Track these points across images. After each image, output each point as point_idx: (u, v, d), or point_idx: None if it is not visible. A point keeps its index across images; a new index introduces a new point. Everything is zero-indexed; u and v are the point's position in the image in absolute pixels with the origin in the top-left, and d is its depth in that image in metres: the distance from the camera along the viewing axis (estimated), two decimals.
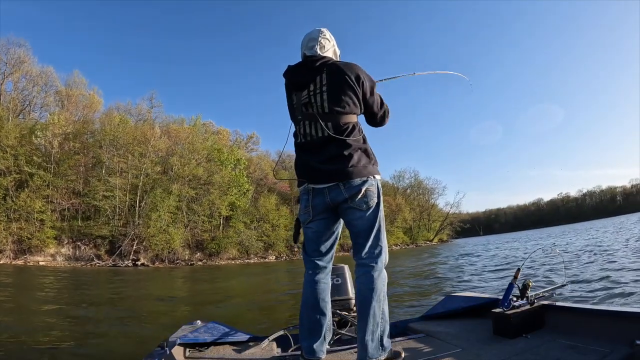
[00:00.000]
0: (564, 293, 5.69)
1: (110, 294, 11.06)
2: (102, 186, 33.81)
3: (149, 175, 36.92)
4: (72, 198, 32.67)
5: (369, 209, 2.01)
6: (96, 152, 35.32)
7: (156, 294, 11.27)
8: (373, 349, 1.92)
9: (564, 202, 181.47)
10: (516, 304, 2.29)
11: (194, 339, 2.43)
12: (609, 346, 1.83)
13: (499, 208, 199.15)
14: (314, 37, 2.18)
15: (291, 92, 2.15)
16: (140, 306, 8.27)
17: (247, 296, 10.29)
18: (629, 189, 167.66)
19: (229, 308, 8.05)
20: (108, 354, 4.29)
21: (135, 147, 36.80)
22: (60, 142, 33.78)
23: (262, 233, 43.85)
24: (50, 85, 36.46)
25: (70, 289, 12.09)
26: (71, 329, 5.59)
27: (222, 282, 15.30)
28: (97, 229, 32.24)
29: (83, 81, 39.59)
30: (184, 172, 38.75)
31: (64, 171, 32.81)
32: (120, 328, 5.67)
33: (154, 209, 35.16)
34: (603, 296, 5.47)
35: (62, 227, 31.04)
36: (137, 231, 33.17)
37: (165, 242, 34.07)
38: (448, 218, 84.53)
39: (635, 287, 5.69)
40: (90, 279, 17.30)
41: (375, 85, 2.18)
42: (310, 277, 2.13)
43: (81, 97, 38.50)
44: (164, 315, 7.08)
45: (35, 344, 4.46)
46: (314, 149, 2.05)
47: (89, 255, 30.80)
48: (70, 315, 6.82)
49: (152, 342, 3.31)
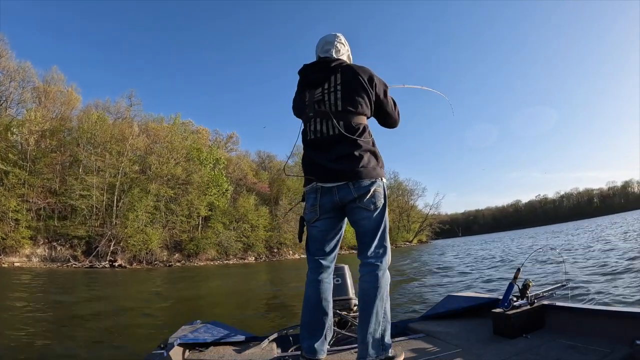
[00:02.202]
0: (564, 293, 5.87)
1: (94, 296, 11.10)
2: (79, 185, 33.97)
3: (126, 175, 37.18)
4: (48, 197, 32.74)
5: (376, 209, 2.07)
6: (73, 150, 35.43)
7: (139, 296, 11.29)
8: (374, 348, 1.96)
9: (541, 204, 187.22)
10: (516, 304, 2.34)
11: (193, 339, 2.46)
12: (609, 346, 1.86)
13: (478, 209, 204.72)
14: (330, 40, 2.31)
15: (304, 89, 2.24)
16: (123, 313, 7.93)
17: (233, 298, 10.27)
18: (606, 192, 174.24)
19: (217, 311, 8.11)
20: (108, 354, 4.37)
21: (113, 146, 37.06)
22: (36, 139, 33.76)
23: (241, 234, 44.46)
24: (28, 81, 36.10)
25: (50, 291, 12.11)
26: (58, 330, 5.70)
27: (204, 284, 15.56)
28: (73, 229, 32.43)
29: (61, 77, 39.23)
30: (163, 171, 39.08)
31: (40, 169, 32.83)
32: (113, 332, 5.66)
33: (131, 208, 35.48)
34: (603, 296, 5.51)
35: (38, 227, 31.12)
36: (114, 231, 33.47)
37: (142, 243, 34.45)
38: (427, 219, 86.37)
39: (635, 287, 5.80)
40: (66, 280, 17.32)
41: (388, 88, 2.29)
42: (313, 276, 2.18)
43: (59, 94, 38.18)
44: (148, 319, 6.94)
45: (31, 345, 4.64)
46: (324, 146, 2.11)
47: (65, 256, 31.02)
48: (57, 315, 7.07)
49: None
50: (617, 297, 5.36)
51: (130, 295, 11.69)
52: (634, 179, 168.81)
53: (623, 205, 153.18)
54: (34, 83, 36.74)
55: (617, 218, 57.81)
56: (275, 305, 8.55)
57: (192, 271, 25.37)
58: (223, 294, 11.48)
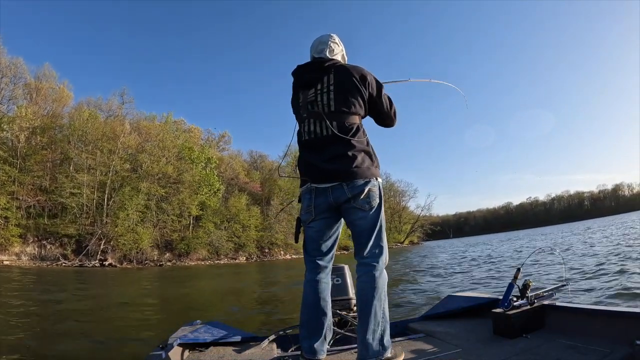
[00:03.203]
0: (564, 293, 5.82)
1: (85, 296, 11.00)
2: (70, 183, 34.04)
3: (117, 173, 37.26)
4: (38, 195, 32.83)
5: (371, 209, 2.07)
6: (64, 148, 35.54)
7: (132, 295, 11.38)
8: (374, 348, 1.96)
9: (532, 206, 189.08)
10: (516, 304, 2.34)
11: (194, 339, 2.48)
12: (609, 346, 1.87)
13: (469, 211, 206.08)
14: (324, 41, 2.32)
15: (298, 90, 2.26)
16: (119, 313, 7.92)
17: (227, 299, 10.24)
18: (596, 194, 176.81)
19: (211, 310, 8.15)
20: (107, 354, 4.39)
21: (104, 144, 37.14)
22: (27, 136, 33.83)
23: (233, 234, 44.68)
24: (19, 77, 36.06)
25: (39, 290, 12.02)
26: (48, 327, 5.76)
27: (196, 283, 15.62)
28: (63, 228, 32.50)
29: (53, 74, 39.26)
30: (154, 169, 39.15)
31: (31, 167, 32.90)
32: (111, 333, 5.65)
33: (122, 207, 35.57)
34: (603, 296, 5.53)
35: (28, 225, 31.20)
36: (104, 230, 33.62)
37: (133, 242, 34.56)
38: (419, 220, 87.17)
39: (635, 288, 5.82)
40: (56, 279, 17.28)
41: (383, 87, 2.28)
42: (311, 276, 2.19)
43: (51, 91, 38.24)
44: (141, 321, 6.83)
45: (22, 345, 4.61)
46: (318, 147, 2.12)
47: (54, 255, 31.11)
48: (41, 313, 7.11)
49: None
50: (617, 297, 5.40)
51: (123, 294, 11.75)
52: (625, 182, 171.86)
53: (614, 208, 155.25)
54: (26, 79, 36.76)
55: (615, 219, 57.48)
56: (268, 304, 8.67)
57: (183, 271, 25.57)
58: (216, 294, 11.60)
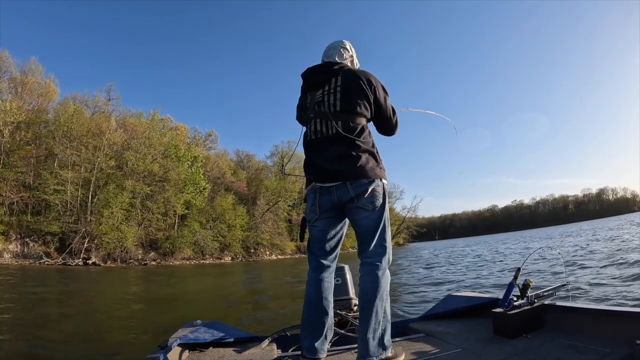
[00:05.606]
0: (564, 293, 6.06)
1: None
2: (54, 179, 33.97)
3: (102, 170, 37.25)
4: (21, 191, 32.85)
5: (375, 208, 2.10)
6: (49, 144, 35.49)
7: (117, 296, 11.29)
8: (374, 348, 1.97)
9: (517, 209, 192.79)
10: (516, 303, 2.36)
11: (194, 339, 2.49)
12: (609, 346, 1.88)
13: (455, 213, 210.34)
14: (335, 46, 2.43)
15: (306, 91, 2.33)
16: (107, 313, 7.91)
17: (215, 300, 10.23)
18: (581, 198, 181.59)
19: (206, 312, 8.06)
20: (107, 354, 4.41)
21: (89, 140, 37.09)
22: (11, 131, 33.84)
23: (218, 233, 45.03)
24: (4, 71, 36.10)
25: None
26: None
27: (182, 283, 15.77)
28: (46, 225, 32.48)
29: (39, 68, 39.22)
30: (139, 167, 39.22)
31: (14, 162, 32.93)
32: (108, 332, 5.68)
33: (106, 205, 35.56)
34: (603, 296, 5.60)
35: (10, 222, 31.23)
36: (88, 228, 33.62)
37: (117, 241, 34.63)
38: (405, 222, 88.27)
39: (635, 287, 5.94)
40: (39, 277, 17.22)
41: (388, 95, 2.33)
42: (314, 275, 2.21)
43: (36, 85, 38.21)
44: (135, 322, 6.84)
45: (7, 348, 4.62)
46: (323, 146, 2.16)
47: (37, 253, 31.11)
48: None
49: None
50: (617, 297, 5.47)
51: (108, 295, 11.75)
52: (609, 187, 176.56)
53: (598, 212, 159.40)
54: (11, 73, 36.82)
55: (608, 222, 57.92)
56: (258, 304, 8.81)
57: (168, 270, 25.77)
58: (203, 293, 11.87)
